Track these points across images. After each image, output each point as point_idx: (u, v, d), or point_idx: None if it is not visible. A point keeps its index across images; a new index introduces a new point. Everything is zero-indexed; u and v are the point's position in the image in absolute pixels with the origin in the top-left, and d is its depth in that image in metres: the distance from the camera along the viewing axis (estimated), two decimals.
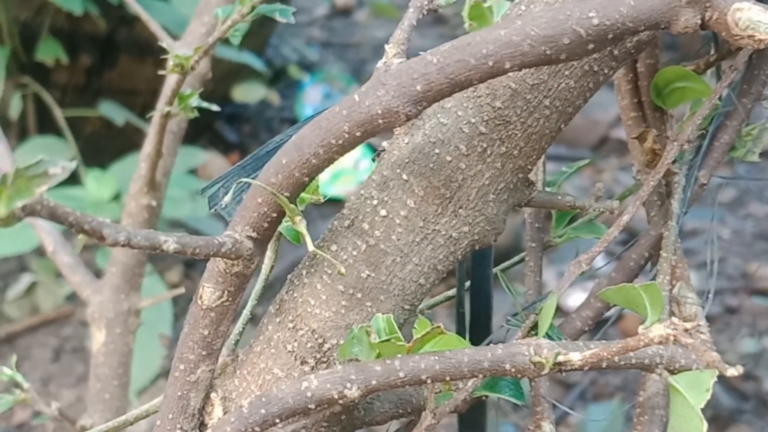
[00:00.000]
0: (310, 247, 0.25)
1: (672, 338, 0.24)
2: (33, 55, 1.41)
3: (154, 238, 0.22)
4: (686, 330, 0.23)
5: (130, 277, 0.55)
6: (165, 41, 0.48)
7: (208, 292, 0.27)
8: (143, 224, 0.55)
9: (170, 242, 0.22)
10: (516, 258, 0.38)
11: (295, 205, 0.26)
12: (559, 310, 0.31)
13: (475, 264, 0.35)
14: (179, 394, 0.27)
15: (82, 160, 1.34)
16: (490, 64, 0.24)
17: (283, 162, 0.25)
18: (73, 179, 1.31)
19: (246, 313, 0.31)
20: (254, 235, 0.26)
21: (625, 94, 0.34)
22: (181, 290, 0.76)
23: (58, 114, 1.39)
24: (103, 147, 1.48)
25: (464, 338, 0.34)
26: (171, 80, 0.51)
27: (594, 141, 2.00)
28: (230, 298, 0.27)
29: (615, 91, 0.34)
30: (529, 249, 0.35)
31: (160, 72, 0.44)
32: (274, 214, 0.26)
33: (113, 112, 1.43)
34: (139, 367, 0.74)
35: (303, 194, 0.28)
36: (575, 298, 1.88)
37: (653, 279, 0.30)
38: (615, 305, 0.30)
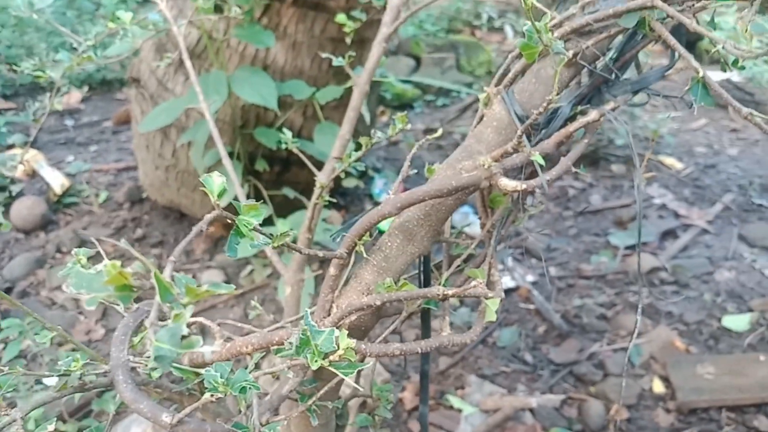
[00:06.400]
0: (364, 255, 0.77)
1: (480, 285, 0.75)
2: (253, 166, 2.77)
3: (316, 251, 0.74)
4: (479, 283, 0.74)
5: (301, 265, 1.09)
6: (317, 174, 1.01)
7: (331, 270, 0.79)
8: (305, 244, 1.09)
9: (319, 252, 0.74)
10: (437, 261, 0.89)
11: (360, 240, 0.78)
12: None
13: (425, 260, 0.86)
14: (322, 304, 0.79)
15: (275, 213, 2.62)
16: (422, 197, 0.75)
17: (355, 227, 0.77)
18: (270, 222, 2.58)
19: (345, 277, 0.83)
20: (346, 251, 0.78)
21: (479, 205, 0.83)
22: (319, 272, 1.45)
23: (264, 193, 2.74)
24: (284, 208, 2.78)
25: (422, 286, 0.85)
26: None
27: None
28: (339, 272, 0.78)
29: (477, 204, 0.84)
30: (445, 255, 0.86)
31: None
32: (353, 245, 0.78)
33: (289, 192, 2.76)
34: (303, 304, 1.40)
35: (365, 237, 0.79)
36: (504, 281, 2.59)
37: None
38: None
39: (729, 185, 3.81)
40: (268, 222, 2.68)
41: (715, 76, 5.28)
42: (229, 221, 0.60)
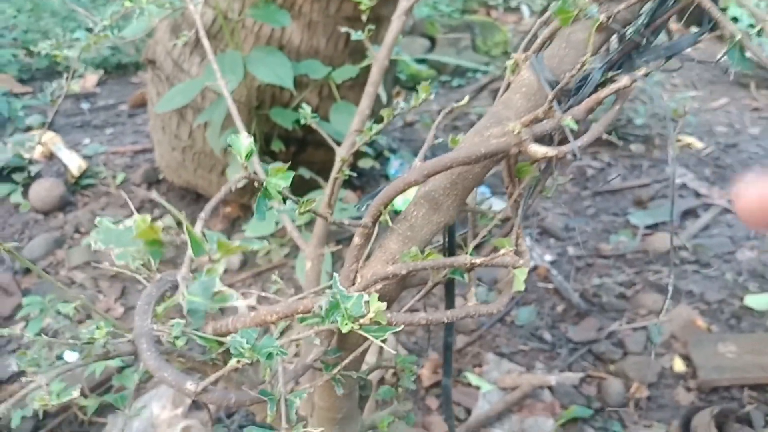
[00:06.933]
0: (390, 224, 0.76)
1: (508, 253, 0.74)
2: (269, 147, 2.75)
3: (339, 223, 0.73)
4: (507, 252, 0.73)
5: (321, 240, 1.08)
6: (336, 149, 0.99)
7: (356, 239, 0.78)
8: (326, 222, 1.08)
9: (345, 220, 0.73)
10: (463, 231, 0.88)
11: (386, 209, 0.77)
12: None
13: (450, 230, 0.85)
14: (347, 274, 0.79)
15: (291, 193, 2.82)
16: (449, 164, 0.73)
17: (381, 196, 0.76)
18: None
19: (370, 248, 0.82)
20: (372, 220, 0.77)
21: (506, 175, 0.82)
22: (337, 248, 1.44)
23: None
24: (300, 188, 2.74)
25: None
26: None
27: None
28: (365, 241, 0.77)
29: (503, 171, 0.83)
30: (470, 226, 0.85)
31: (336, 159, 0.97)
32: (379, 213, 0.76)
33: (305, 172, 2.75)
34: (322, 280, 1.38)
35: (390, 206, 0.78)
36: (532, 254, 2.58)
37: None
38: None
39: (750, 164, 3.75)
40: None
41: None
42: (256, 186, 0.59)
